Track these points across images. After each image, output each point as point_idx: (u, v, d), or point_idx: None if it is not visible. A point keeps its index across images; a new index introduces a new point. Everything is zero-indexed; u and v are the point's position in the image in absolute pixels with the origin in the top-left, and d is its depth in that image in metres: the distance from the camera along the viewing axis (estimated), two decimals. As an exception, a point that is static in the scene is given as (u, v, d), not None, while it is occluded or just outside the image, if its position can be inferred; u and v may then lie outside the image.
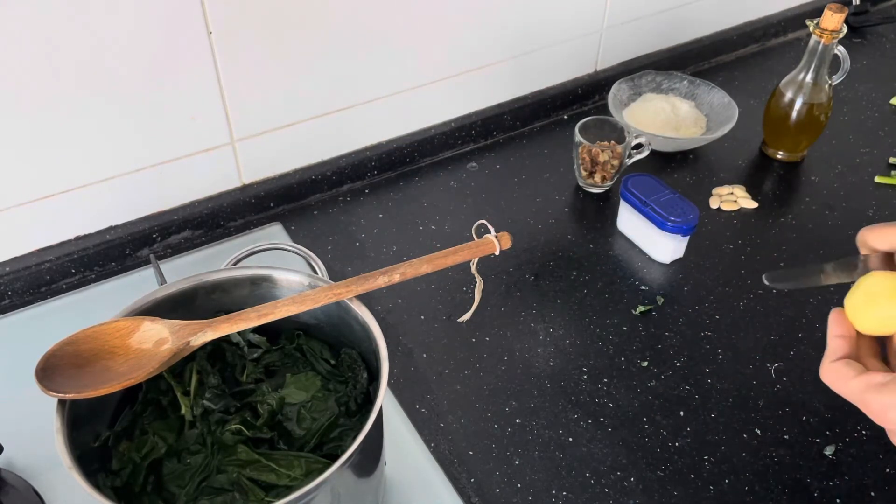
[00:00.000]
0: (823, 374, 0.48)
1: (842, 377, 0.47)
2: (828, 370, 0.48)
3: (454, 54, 1.02)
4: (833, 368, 0.47)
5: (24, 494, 0.66)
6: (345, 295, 0.58)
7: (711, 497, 0.70)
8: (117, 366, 0.55)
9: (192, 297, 0.61)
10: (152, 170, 0.88)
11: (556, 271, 0.91)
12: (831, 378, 0.47)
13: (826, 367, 0.48)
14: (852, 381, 0.46)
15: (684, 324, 0.85)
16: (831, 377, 0.47)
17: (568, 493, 0.70)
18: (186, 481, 0.58)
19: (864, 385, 0.45)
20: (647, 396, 0.78)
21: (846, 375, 0.46)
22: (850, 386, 0.46)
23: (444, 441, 0.74)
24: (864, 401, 0.46)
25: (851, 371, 0.46)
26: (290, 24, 0.86)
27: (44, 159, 0.81)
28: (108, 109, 0.81)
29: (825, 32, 0.96)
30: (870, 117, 1.16)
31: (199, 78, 0.84)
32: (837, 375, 0.47)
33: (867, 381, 0.45)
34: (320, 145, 0.99)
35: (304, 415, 0.61)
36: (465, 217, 0.98)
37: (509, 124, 1.12)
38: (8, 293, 0.86)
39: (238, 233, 0.95)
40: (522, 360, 0.81)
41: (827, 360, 0.48)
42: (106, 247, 0.89)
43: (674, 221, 0.88)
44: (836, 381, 0.47)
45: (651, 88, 1.14)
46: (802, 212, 1.00)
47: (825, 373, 0.48)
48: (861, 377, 0.46)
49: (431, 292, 0.88)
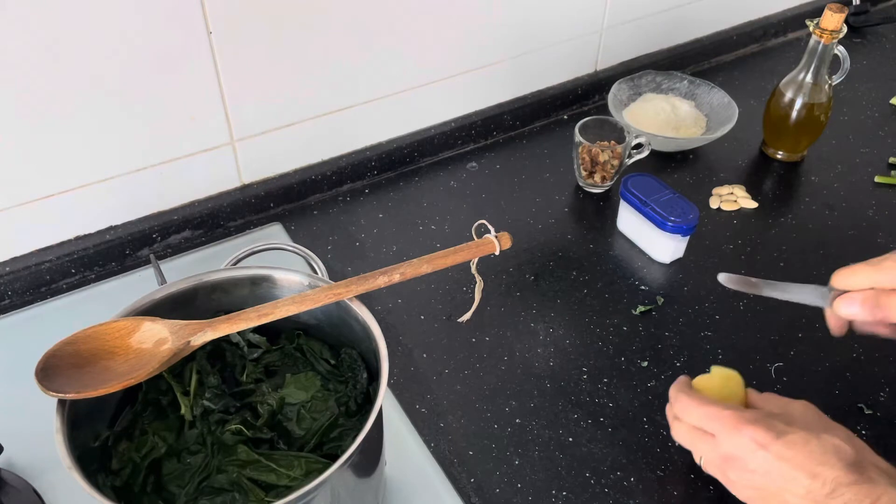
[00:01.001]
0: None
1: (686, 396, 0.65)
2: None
3: (454, 54, 1.02)
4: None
5: (24, 494, 0.66)
6: (345, 295, 0.58)
7: (711, 497, 0.70)
8: (117, 366, 0.55)
9: (192, 297, 0.61)
10: (152, 170, 0.88)
11: (556, 271, 0.91)
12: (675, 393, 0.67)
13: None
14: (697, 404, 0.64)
15: (684, 324, 0.85)
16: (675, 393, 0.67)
17: (568, 493, 0.70)
18: (186, 481, 0.58)
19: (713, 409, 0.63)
20: (647, 396, 0.78)
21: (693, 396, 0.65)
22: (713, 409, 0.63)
23: (444, 441, 0.74)
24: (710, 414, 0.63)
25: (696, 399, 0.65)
26: (290, 24, 0.86)
27: (44, 159, 0.81)
28: (107, 109, 0.81)
29: (825, 32, 0.96)
30: (870, 117, 1.16)
31: (199, 78, 0.84)
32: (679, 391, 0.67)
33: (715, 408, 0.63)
34: (320, 145, 0.99)
35: (304, 415, 0.61)
36: (465, 217, 0.98)
37: (509, 124, 1.12)
38: (8, 293, 0.86)
39: (238, 233, 0.95)
40: (522, 360, 0.81)
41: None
42: (106, 247, 0.89)
43: (674, 221, 0.88)
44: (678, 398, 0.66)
45: (651, 88, 1.14)
46: (802, 212, 1.00)
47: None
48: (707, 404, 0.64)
49: (431, 292, 0.88)
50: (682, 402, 0.64)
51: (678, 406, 0.65)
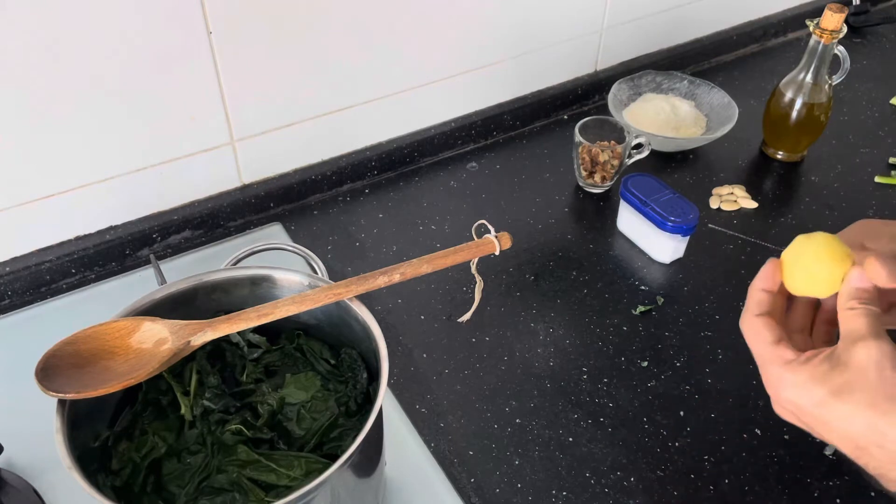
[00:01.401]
0: (743, 324, 0.48)
1: (759, 336, 0.47)
2: (749, 324, 0.48)
3: (454, 54, 1.02)
4: (753, 323, 0.48)
5: (24, 494, 0.66)
6: (345, 295, 0.58)
7: (711, 497, 0.70)
8: (117, 366, 0.55)
9: (192, 297, 0.61)
10: (152, 170, 0.88)
11: (556, 271, 0.91)
12: (750, 333, 0.48)
13: (747, 320, 0.48)
14: (766, 345, 0.47)
15: (684, 324, 0.85)
16: (750, 332, 0.48)
17: (568, 493, 0.70)
18: (186, 481, 0.58)
19: (772, 354, 0.46)
20: (647, 396, 0.78)
21: (763, 337, 0.47)
22: (761, 348, 0.47)
23: (444, 441, 0.74)
24: (766, 368, 0.46)
25: (770, 335, 0.47)
26: (290, 24, 0.86)
27: (44, 159, 0.81)
28: (107, 109, 0.81)
29: (825, 32, 0.96)
30: (870, 117, 1.16)
31: (199, 78, 0.84)
32: (755, 332, 0.48)
33: (778, 353, 0.46)
34: (320, 145, 0.99)
35: (303, 415, 0.61)
36: (465, 217, 0.98)
37: (509, 124, 1.12)
38: (8, 293, 0.86)
39: (238, 233, 0.95)
40: (522, 360, 0.81)
41: (749, 312, 0.48)
42: (106, 247, 0.89)
43: (674, 221, 0.88)
44: (753, 338, 0.48)
45: (651, 88, 1.14)
46: (802, 212, 1.00)
47: (745, 324, 0.48)
48: (775, 346, 0.46)
49: (431, 292, 0.88)
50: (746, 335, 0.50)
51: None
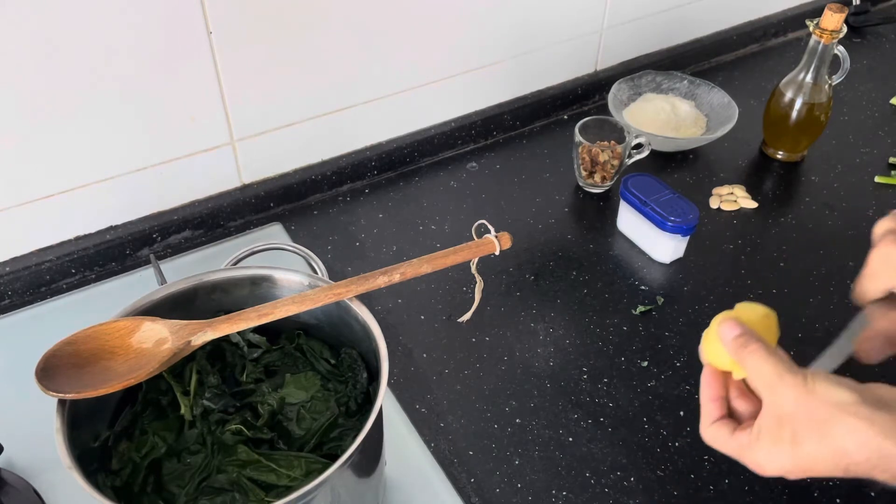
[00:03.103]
0: (703, 435, 0.54)
1: (718, 439, 0.53)
2: (706, 433, 0.54)
3: (454, 54, 1.02)
4: (710, 431, 0.53)
5: (24, 494, 0.66)
6: (345, 295, 0.58)
7: (711, 497, 0.70)
8: (117, 366, 0.55)
9: (192, 297, 0.61)
10: (152, 170, 0.88)
11: (556, 271, 0.91)
12: (710, 440, 0.53)
13: (704, 431, 0.54)
14: (727, 440, 0.52)
15: (684, 324, 0.85)
16: (710, 439, 0.53)
17: (568, 493, 0.70)
18: (186, 481, 0.58)
19: (736, 446, 0.51)
20: (647, 396, 0.78)
21: (722, 437, 0.52)
22: (726, 447, 0.52)
23: (444, 441, 0.74)
24: (741, 459, 0.51)
25: (726, 431, 0.52)
26: (290, 25, 0.86)
27: (44, 159, 0.81)
28: (107, 109, 0.81)
29: (825, 32, 0.96)
30: (870, 117, 1.16)
31: (199, 78, 0.84)
32: (714, 437, 0.53)
33: (738, 443, 0.51)
34: (320, 145, 0.99)
35: (303, 415, 0.61)
36: (465, 217, 0.98)
37: (509, 124, 1.12)
38: (8, 293, 0.86)
39: (238, 233, 0.95)
40: (522, 360, 0.81)
41: (704, 423, 0.54)
42: (106, 247, 0.89)
43: (674, 221, 0.88)
44: (715, 443, 0.53)
45: (651, 88, 1.14)
46: (802, 212, 1.00)
47: (704, 435, 0.54)
48: (733, 438, 0.52)
49: (431, 292, 0.88)
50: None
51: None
